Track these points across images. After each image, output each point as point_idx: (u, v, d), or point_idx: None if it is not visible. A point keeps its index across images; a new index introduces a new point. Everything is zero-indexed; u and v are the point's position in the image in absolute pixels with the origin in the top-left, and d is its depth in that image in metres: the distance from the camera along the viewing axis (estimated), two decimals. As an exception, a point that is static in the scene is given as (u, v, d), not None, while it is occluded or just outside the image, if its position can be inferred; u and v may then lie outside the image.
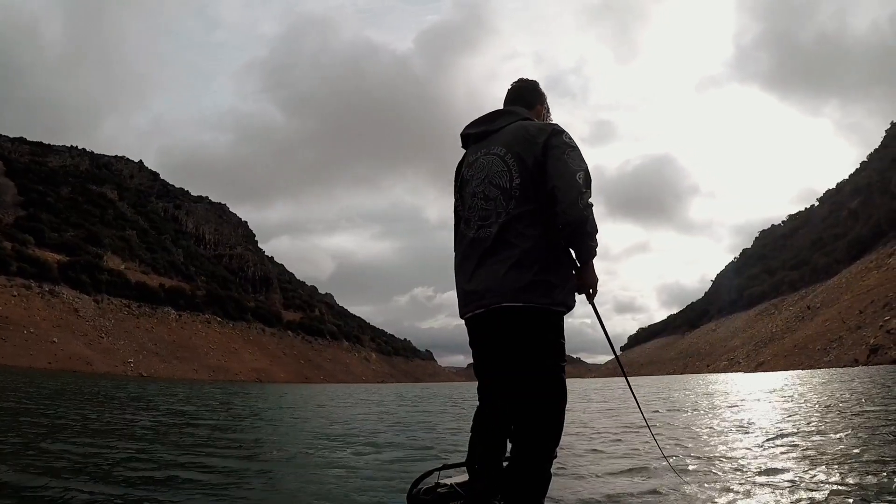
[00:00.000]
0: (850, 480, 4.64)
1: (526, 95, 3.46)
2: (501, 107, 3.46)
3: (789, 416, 10.82)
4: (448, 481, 3.63)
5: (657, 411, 13.52)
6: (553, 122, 3.47)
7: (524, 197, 3.00)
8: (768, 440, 7.53)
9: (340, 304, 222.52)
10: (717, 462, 6.00)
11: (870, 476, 4.74)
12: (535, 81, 3.51)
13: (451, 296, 3.31)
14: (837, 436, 7.34)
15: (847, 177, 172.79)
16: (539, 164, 3.00)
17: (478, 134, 3.32)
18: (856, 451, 6.06)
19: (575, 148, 3.02)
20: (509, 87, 3.51)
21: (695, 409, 13.81)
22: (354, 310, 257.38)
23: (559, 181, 2.91)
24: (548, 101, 3.58)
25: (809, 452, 6.19)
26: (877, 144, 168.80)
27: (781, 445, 6.95)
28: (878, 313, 67.46)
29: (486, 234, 3.03)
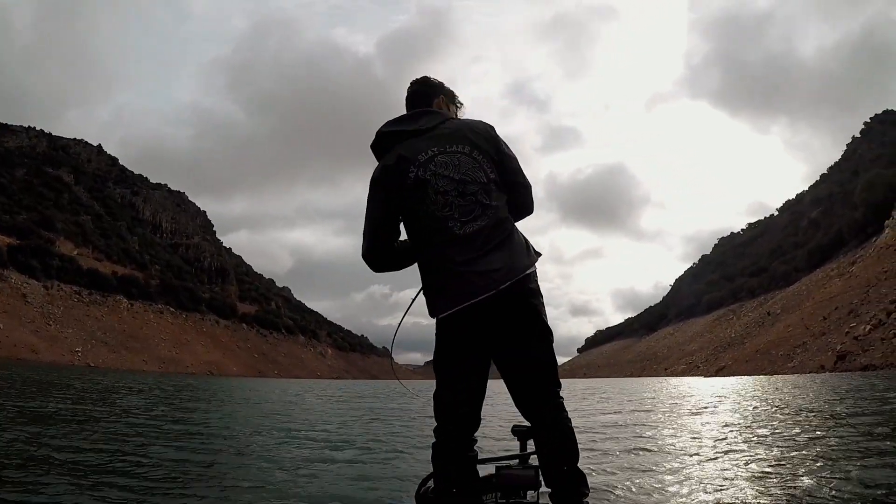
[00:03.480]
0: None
1: (422, 95, 3.52)
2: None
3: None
4: None
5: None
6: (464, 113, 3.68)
7: (499, 188, 3.21)
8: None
9: (298, 299, 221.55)
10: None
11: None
12: (426, 77, 3.59)
13: (409, 294, 3.32)
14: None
15: (807, 188, 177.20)
16: (500, 159, 3.25)
17: (410, 132, 3.31)
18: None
19: (510, 148, 3.36)
20: (408, 92, 3.57)
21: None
22: (312, 305, 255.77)
23: (521, 178, 3.34)
24: (449, 88, 3.64)
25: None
26: (825, 161, 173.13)
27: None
28: (842, 320, 68.04)
29: (476, 227, 3.11)
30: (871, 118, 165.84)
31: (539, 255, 3.32)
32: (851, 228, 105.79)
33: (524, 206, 3.41)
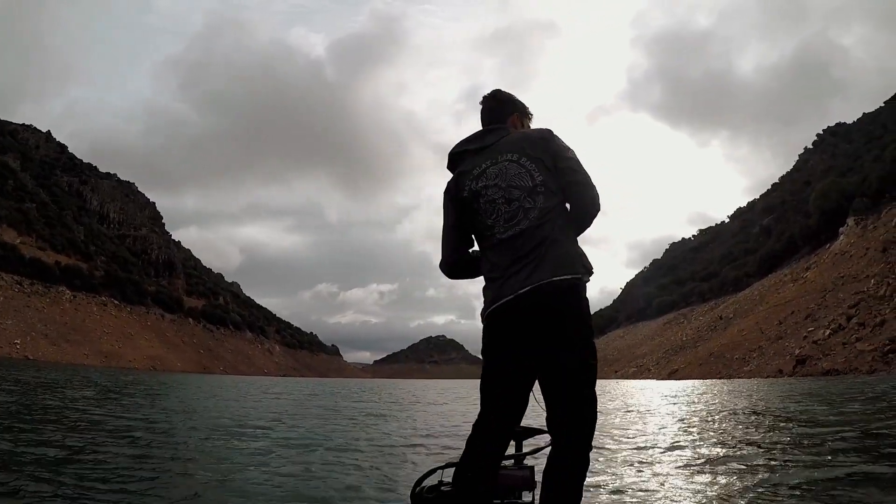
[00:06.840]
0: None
1: (496, 112, 3.60)
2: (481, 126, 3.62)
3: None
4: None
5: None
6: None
7: (549, 192, 3.24)
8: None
9: (247, 294, 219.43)
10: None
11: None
12: (498, 90, 3.67)
13: (356, 294, 2.72)
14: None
15: (756, 198, 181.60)
16: (553, 164, 3.28)
17: (474, 150, 3.45)
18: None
19: (571, 150, 3.35)
20: (481, 106, 3.66)
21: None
22: (262, 301, 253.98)
23: (576, 176, 3.30)
24: (523, 102, 3.67)
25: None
26: (764, 174, 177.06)
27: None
28: (799, 324, 68.91)
29: (515, 231, 3.20)
30: (823, 130, 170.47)
31: (589, 270, 3.28)
32: (804, 235, 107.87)
33: (582, 203, 3.33)
